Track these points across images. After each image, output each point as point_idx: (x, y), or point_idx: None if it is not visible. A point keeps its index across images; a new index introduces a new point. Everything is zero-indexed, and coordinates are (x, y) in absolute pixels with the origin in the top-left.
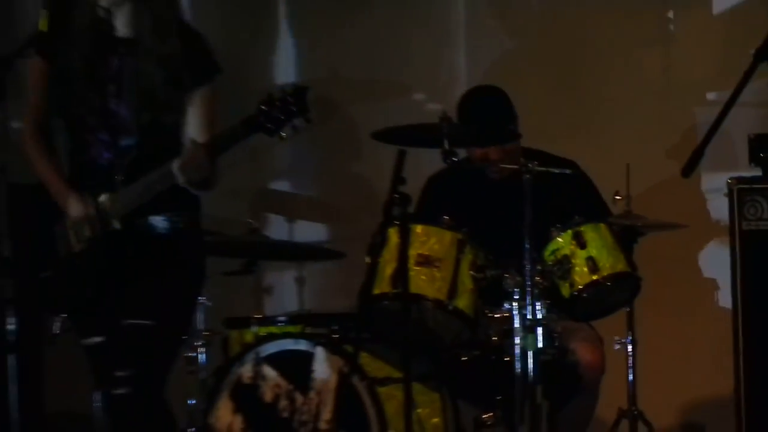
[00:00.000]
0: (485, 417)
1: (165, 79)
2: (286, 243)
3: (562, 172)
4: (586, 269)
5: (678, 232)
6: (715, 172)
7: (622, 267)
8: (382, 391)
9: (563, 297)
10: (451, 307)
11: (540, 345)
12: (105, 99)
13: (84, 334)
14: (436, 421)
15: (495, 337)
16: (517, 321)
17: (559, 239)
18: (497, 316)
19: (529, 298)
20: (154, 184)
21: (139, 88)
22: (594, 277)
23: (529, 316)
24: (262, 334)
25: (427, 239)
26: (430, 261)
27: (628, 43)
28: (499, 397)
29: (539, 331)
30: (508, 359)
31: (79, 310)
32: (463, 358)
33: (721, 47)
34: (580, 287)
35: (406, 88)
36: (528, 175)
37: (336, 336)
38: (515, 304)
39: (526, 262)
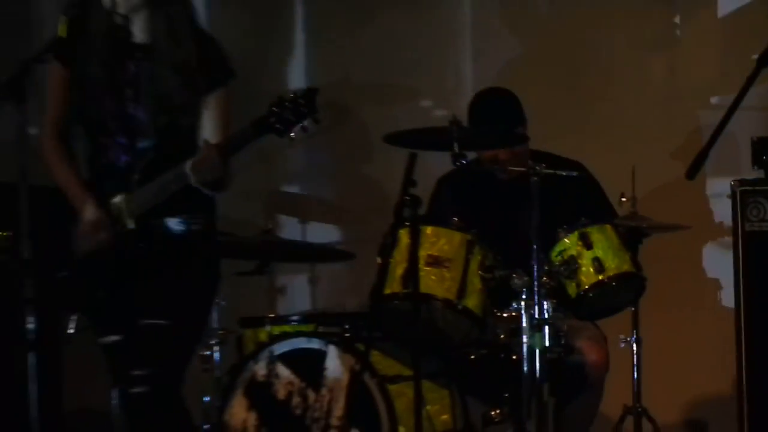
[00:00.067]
0: (493, 413)
1: (180, 83)
2: (298, 244)
3: (569, 174)
4: (592, 269)
5: (682, 233)
6: (719, 174)
7: (627, 267)
8: (393, 388)
9: (570, 296)
10: (460, 307)
11: (547, 343)
12: (123, 103)
13: (101, 333)
14: (446, 417)
15: (503, 335)
16: (524, 320)
17: (565, 240)
18: (505, 315)
19: (536, 298)
20: (168, 184)
21: (155, 92)
22: (600, 277)
23: (536, 316)
24: (276, 333)
25: (437, 240)
26: (440, 261)
27: (634, 48)
28: (506, 394)
29: (546, 330)
30: (515, 357)
31: (96, 309)
32: (472, 357)
33: (725, 52)
34: (586, 287)
35: (415, 93)
36: (535, 178)
37: (348, 335)
38: (523, 304)
39: (533, 263)
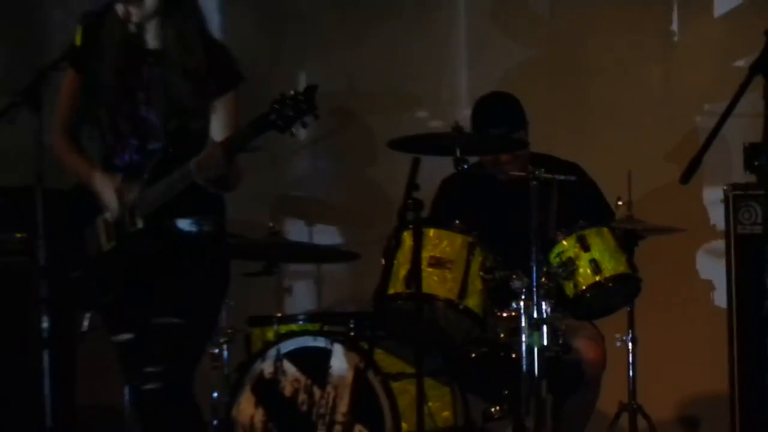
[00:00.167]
0: (493, 410)
1: (190, 88)
2: (305, 245)
3: (567, 179)
4: (589, 271)
5: (676, 236)
6: (712, 179)
7: (623, 269)
8: (396, 385)
9: (567, 297)
10: (461, 307)
11: (545, 342)
12: (135, 106)
13: (114, 332)
14: (447, 414)
15: (503, 334)
16: (523, 320)
17: (564, 242)
18: (505, 315)
19: (535, 298)
20: (175, 183)
21: (166, 96)
22: (597, 278)
23: (535, 315)
24: (283, 332)
25: (439, 242)
26: (442, 263)
27: (631, 55)
28: (506, 392)
29: (544, 329)
30: (514, 356)
31: (109, 308)
32: (473, 355)
33: (720, 60)
34: (583, 288)
35: (415, 101)
36: (534, 182)
37: (352, 334)
38: (522, 304)
39: (532, 264)
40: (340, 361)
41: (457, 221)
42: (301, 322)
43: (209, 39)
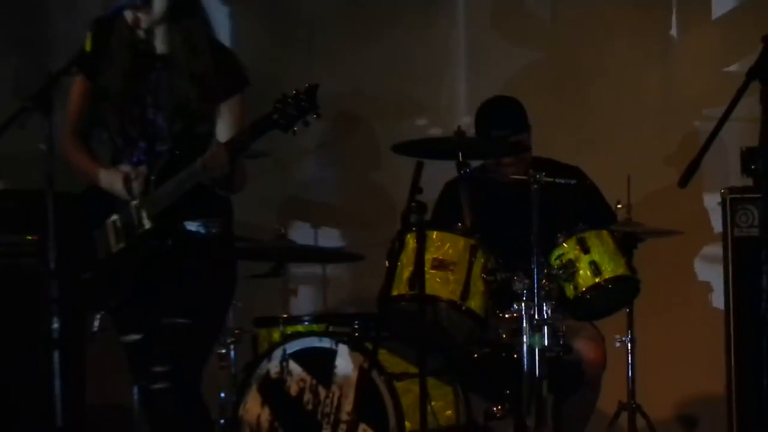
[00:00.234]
0: (495, 409)
1: (197, 92)
2: (310, 248)
3: (568, 183)
4: (589, 273)
5: (675, 238)
6: (710, 182)
7: (622, 271)
8: (400, 385)
9: (568, 298)
10: (463, 308)
11: (546, 343)
12: (143, 109)
13: (122, 332)
14: (449, 413)
15: (504, 335)
16: (525, 321)
17: (564, 245)
18: (506, 316)
19: (536, 300)
20: (182, 183)
21: (173, 99)
22: (596, 280)
23: (536, 316)
24: (289, 333)
25: (442, 244)
26: (445, 265)
27: (631, 61)
28: (507, 391)
29: (545, 330)
30: (516, 356)
31: (118, 308)
32: (475, 355)
33: (717, 67)
34: (583, 289)
35: (419, 107)
36: (535, 186)
37: (357, 334)
38: (523, 305)
39: (533, 266)
40: (344, 361)
41: (459, 224)
42: (306, 323)
43: (216, 44)
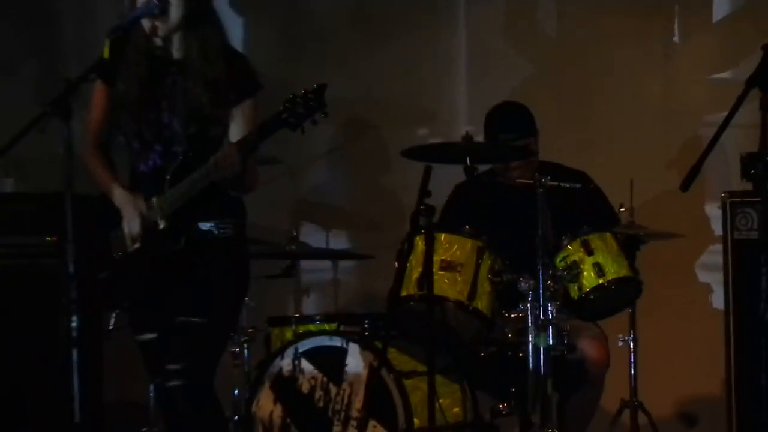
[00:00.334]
0: (501, 407)
1: (210, 96)
2: (322, 250)
3: (573, 186)
4: (593, 274)
5: (676, 241)
6: (711, 187)
7: (625, 272)
8: (408, 383)
9: (572, 299)
10: (471, 308)
11: (551, 342)
12: (159, 114)
13: (138, 331)
14: (457, 410)
15: (510, 334)
16: (530, 320)
17: (569, 247)
18: (512, 316)
19: (541, 300)
20: (195, 182)
21: (187, 104)
22: (600, 281)
23: (541, 316)
24: (301, 332)
25: (450, 246)
26: (453, 266)
27: (634, 68)
28: (513, 389)
29: (550, 329)
30: (521, 355)
31: (133, 307)
32: (482, 354)
33: (718, 74)
34: (587, 290)
35: (427, 113)
36: (541, 189)
37: (367, 333)
38: (529, 305)
39: (539, 268)
40: (355, 360)
41: (467, 226)
42: (318, 323)
43: (229, 49)
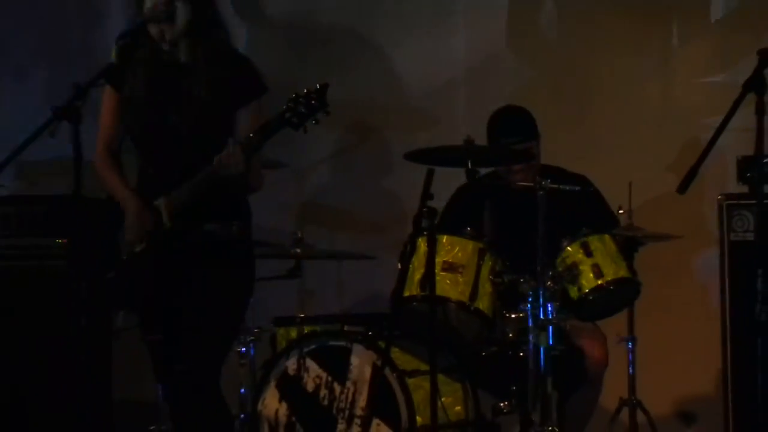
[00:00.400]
0: (502, 405)
1: (216, 99)
2: (326, 251)
3: (572, 189)
4: (592, 275)
5: (674, 242)
6: (708, 189)
7: (623, 273)
8: (411, 381)
9: (572, 299)
10: (472, 308)
11: (551, 342)
12: (165, 115)
13: (145, 331)
14: (459, 408)
15: (511, 334)
16: (530, 320)
17: (568, 248)
18: (513, 316)
19: (541, 300)
20: (200, 182)
21: (193, 106)
22: (599, 281)
23: (542, 316)
24: (306, 332)
25: (452, 248)
26: (454, 267)
27: (632, 73)
28: (514, 388)
29: (550, 329)
30: (522, 354)
31: (140, 307)
32: (483, 353)
33: (715, 78)
34: (586, 291)
35: (430, 117)
36: (542, 192)
37: (370, 333)
38: (529, 306)
39: (539, 269)
40: (359, 359)
41: (468, 228)
42: (323, 323)
43: (235, 53)
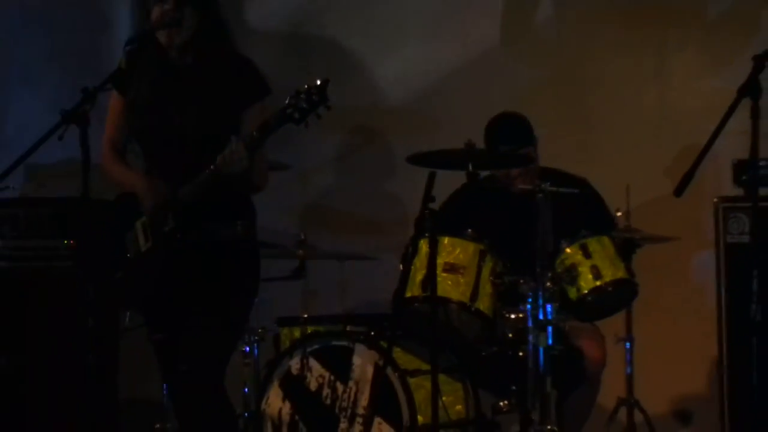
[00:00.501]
0: (502, 404)
1: (220, 102)
2: (329, 252)
3: (571, 191)
4: (590, 276)
5: (671, 244)
6: (704, 192)
7: (622, 274)
8: (413, 381)
9: (571, 300)
10: (473, 309)
11: (550, 342)
12: (170, 117)
13: (151, 332)
14: (459, 407)
15: (511, 334)
16: (530, 321)
17: (567, 250)
18: (513, 316)
19: (541, 301)
20: (204, 180)
21: (198, 107)
22: (597, 283)
23: (541, 317)
24: (309, 332)
25: (453, 249)
26: (456, 268)
27: (630, 77)
28: (514, 387)
29: (549, 329)
30: (522, 354)
31: (146, 307)
32: (483, 353)
33: (710, 83)
34: (585, 291)
35: (432, 120)
36: (541, 195)
37: (373, 333)
38: (529, 306)
39: (539, 270)
40: (361, 359)
41: (469, 230)
42: (325, 323)
43: (238, 56)
